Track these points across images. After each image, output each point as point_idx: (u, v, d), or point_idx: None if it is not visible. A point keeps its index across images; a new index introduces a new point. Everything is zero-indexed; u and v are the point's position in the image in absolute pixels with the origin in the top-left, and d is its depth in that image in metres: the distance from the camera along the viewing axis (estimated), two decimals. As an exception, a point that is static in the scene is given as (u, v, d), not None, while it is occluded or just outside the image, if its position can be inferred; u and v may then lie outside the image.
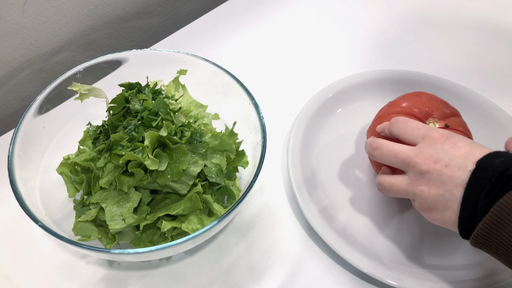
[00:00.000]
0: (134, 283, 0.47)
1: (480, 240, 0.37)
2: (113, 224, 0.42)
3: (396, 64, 0.72)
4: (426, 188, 0.40)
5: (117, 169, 0.43)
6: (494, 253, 0.37)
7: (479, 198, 0.36)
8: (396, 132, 0.46)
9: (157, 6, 0.82)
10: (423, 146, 0.42)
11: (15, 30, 0.62)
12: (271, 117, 0.61)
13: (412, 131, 0.44)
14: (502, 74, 0.72)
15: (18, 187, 0.42)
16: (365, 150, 0.50)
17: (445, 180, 0.39)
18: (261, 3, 0.82)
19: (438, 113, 0.52)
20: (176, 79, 0.54)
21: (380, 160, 0.46)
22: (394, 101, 0.56)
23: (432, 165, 0.40)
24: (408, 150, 0.43)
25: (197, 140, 0.45)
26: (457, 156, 0.39)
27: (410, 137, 0.44)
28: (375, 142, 0.47)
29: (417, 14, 0.82)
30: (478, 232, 0.36)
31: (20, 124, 0.46)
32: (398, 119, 0.47)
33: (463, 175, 0.38)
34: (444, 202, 0.39)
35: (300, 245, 0.51)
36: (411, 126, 0.45)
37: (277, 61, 0.73)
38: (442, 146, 0.41)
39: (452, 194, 0.38)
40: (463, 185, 0.38)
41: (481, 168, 0.37)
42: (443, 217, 0.40)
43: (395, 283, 0.46)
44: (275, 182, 0.57)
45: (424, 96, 0.54)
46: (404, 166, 0.43)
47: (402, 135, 0.45)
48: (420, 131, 0.44)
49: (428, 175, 0.40)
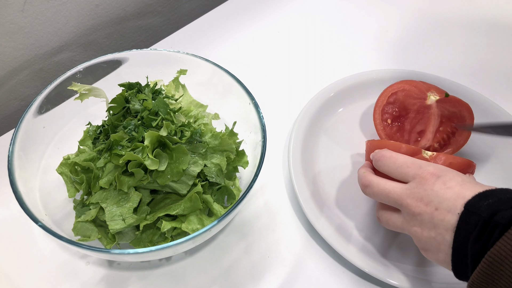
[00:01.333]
0: (134, 283, 0.47)
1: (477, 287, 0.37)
2: (113, 224, 0.42)
3: (396, 64, 0.72)
4: (419, 229, 0.40)
5: (117, 169, 0.43)
6: None
7: (468, 244, 0.36)
8: (384, 169, 0.45)
9: (157, 6, 0.82)
10: (413, 187, 0.41)
11: (15, 30, 0.62)
12: (271, 117, 0.61)
13: (401, 169, 0.43)
14: (502, 73, 0.72)
15: (18, 187, 0.42)
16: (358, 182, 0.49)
17: (436, 223, 0.39)
18: (261, 3, 0.82)
19: (435, 89, 0.56)
20: (176, 79, 0.54)
21: (372, 197, 0.46)
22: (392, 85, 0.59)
23: (423, 207, 0.40)
24: (399, 189, 0.42)
25: (197, 140, 0.45)
26: (446, 198, 0.39)
27: (400, 176, 0.44)
28: (365, 179, 0.46)
29: (417, 14, 0.82)
30: (473, 281, 0.36)
31: (20, 124, 0.46)
32: (384, 155, 0.45)
33: (453, 219, 0.38)
34: (436, 245, 0.39)
35: (300, 244, 0.51)
36: (399, 163, 0.44)
37: (277, 61, 0.73)
38: (432, 188, 0.40)
39: (443, 238, 0.38)
40: (453, 229, 0.37)
41: (468, 212, 0.37)
42: (437, 258, 0.40)
43: (396, 283, 0.46)
44: (276, 182, 0.57)
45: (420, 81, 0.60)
46: (397, 205, 0.43)
47: (391, 173, 0.44)
48: (409, 168, 0.43)
49: (420, 217, 0.40)
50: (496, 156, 0.60)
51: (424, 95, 0.57)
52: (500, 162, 0.59)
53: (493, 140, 0.61)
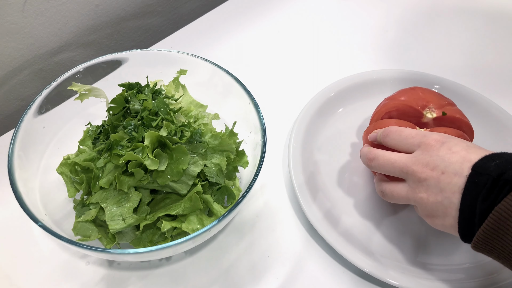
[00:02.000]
0: (134, 283, 0.47)
1: (481, 245, 0.37)
2: (113, 224, 0.42)
3: (396, 64, 0.72)
4: (425, 195, 0.41)
5: (117, 169, 0.43)
6: (496, 257, 0.37)
7: (477, 204, 0.36)
8: (391, 143, 0.46)
9: (157, 6, 0.82)
10: (419, 154, 0.42)
11: (15, 30, 0.62)
12: (271, 117, 0.61)
13: (406, 140, 0.44)
14: (502, 73, 0.72)
15: (18, 187, 0.42)
16: (361, 159, 0.49)
17: (443, 187, 0.39)
18: (261, 3, 0.82)
19: (434, 104, 0.55)
20: (176, 79, 0.54)
21: (378, 170, 0.46)
22: (391, 97, 0.58)
23: (429, 172, 0.40)
24: (404, 158, 0.43)
25: (197, 140, 0.45)
26: (453, 162, 0.39)
27: (406, 146, 0.44)
28: (371, 153, 0.46)
29: (417, 14, 0.82)
30: (478, 237, 0.36)
31: (20, 124, 0.46)
32: (390, 130, 0.47)
33: (460, 181, 0.38)
34: (443, 209, 0.39)
35: (300, 244, 0.51)
36: (404, 135, 0.45)
37: (277, 61, 0.73)
38: (438, 153, 0.41)
39: (450, 201, 0.38)
40: (460, 191, 0.38)
41: (476, 173, 0.37)
42: (444, 223, 0.40)
43: (396, 283, 0.46)
44: (276, 182, 0.57)
45: (419, 90, 0.57)
46: (403, 175, 0.43)
47: (398, 146, 0.45)
48: (414, 139, 0.44)
49: (426, 183, 0.40)
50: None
51: (420, 114, 0.55)
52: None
53: (493, 146, 0.61)
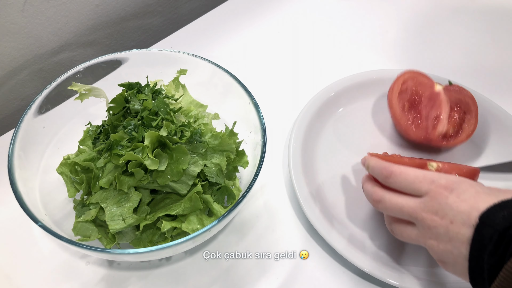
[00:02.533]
0: (134, 283, 0.47)
1: None
2: (113, 224, 0.42)
3: (396, 64, 0.72)
4: (435, 242, 0.40)
5: (117, 169, 0.43)
6: None
7: (484, 258, 0.36)
8: (396, 186, 0.44)
9: (157, 6, 0.82)
10: (427, 201, 0.41)
11: (15, 30, 0.62)
12: (271, 117, 0.61)
13: (413, 185, 0.42)
14: (502, 73, 0.72)
15: (18, 187, 0.42)
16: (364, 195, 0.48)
17: (452, 236, 0.38)
18: (261, 3, 0.82)
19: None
20: (176, 79, 0.54)
21: (385, 212, 0.45)
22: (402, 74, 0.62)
23: (439, 221, 0.39)
24: (412, 203, 0.42)
25: (197, 140, 0.45)
26: (461, 211, 0.38)
27: (413, 191, 0.43)
28: (376, 194, 0.45)
29: (417, 14, 0.82)
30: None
31: (20, 124, 0.46)
32: (393, 171, 0.44)
33: (468, 232, 0.37)
34: (453, 258, 0.39)
35: (300, 244, 0.51)
36: (411, 179, 0.43)
37: (277, 61, 0.73)
38: (447, 201, 0.40)
39: (459, 251, 0.38)
40: (469, 242, 0.37)
41: (483, 224, 0.36)
42: (455, 271, 0.40)
43: (396, 283, 0.46)
44: (276, 182, 0.57)
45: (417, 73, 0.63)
46: (412, 219, 0.42)
47: (404, 189, 0.43)
48: (422, 183, 0.42)
49: (436, 230, 0.40)
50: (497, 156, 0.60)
51: (432, 83, 0.61)
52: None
53: (493, 145, 0.61)
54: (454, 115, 0.59)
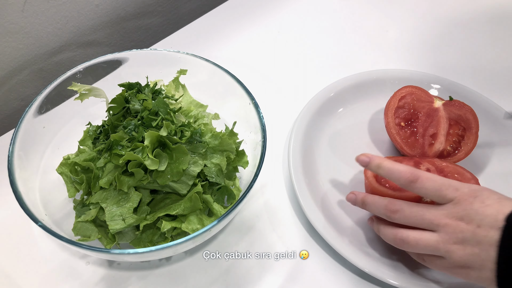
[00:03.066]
0: (134, 283, 0.47)
1: None
2: (113, 224, 0.42)
3: (396, 64, 0.72)
4: (461, 247, 0.40)
5: (117, 169, 0.43)
6: None
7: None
8: (421, 192, 0.43)
9: (157, 6, 0.82)
10: (451, 207, 0.41)
11: (15, 30, 0.62)
12: (271, 117, 0.61)
13: (440, 192, 0.42)
14: (502, 73, 0.72)
15: (18, 187, 0.42)
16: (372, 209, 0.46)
17: (480, 239, 0.39)
18: (261, 3, 0.82)
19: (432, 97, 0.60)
20: (176, 79, 0.54)
21: (401, 222, 0.44)
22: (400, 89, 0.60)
23: (465, 226, 0.40)
24: (434, 210, 0.42)
25: (197, 140, 0.45)
26: (488, 215, 0.39)
27: (437, 198, 0.42)
28: (394, 205, 0.44)
29: (418, 14, 0.82)
30: None
31: (20, 124, 0.46)
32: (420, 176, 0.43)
33: (496, 234, 0.38)
34: (480, 262, 0.39)
35: (300, 244, 0.51)
36: (438, 186, 0.42)
37: (278, 61, 0.73)
38: (472, 207, 0.40)
39: (488, 254, 0.38)
40: (497, 244, 0.38)
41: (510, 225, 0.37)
42: (480, 275, 0.40)
43: (396, 283, 0.46)
44: (276, 182, 0.57)
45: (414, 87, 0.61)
46: (432, 226, 0.42)
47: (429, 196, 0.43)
48: (448, 191, 0.42)
49: (462, 235, 0.40)
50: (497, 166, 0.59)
51: (431, 98, 0.59)
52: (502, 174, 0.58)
53: (494, 142, 0.61)
54: (453, 132, 0.57)
